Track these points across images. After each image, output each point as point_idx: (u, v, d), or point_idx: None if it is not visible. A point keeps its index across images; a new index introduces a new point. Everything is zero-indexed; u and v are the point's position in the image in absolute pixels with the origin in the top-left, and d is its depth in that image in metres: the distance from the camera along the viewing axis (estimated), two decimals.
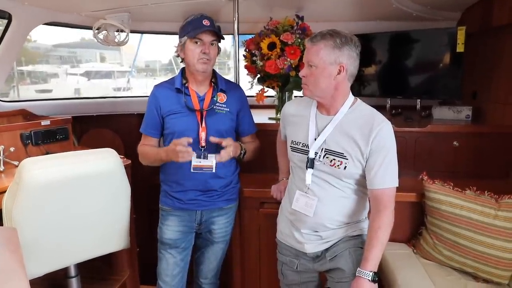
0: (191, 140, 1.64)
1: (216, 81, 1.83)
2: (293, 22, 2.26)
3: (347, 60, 1.41)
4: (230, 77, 2.61)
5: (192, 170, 1.73)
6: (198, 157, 1.74)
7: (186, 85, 1.80)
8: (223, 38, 1.80)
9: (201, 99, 1.79)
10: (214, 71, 1.85)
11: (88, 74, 12.52)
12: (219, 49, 1.81)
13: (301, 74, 1.49)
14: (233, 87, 1.91)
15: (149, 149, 1.83)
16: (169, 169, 1.82)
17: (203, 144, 1.75)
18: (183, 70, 1.84)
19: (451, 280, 1.70)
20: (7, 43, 2.38)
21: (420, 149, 2.22)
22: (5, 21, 2.32)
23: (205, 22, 1.70)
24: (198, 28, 1.69)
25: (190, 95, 1.78)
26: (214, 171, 1.74)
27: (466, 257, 1.69)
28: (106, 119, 3.22)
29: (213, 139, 1.70)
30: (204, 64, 1.73)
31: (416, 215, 1.94)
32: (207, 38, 1.71)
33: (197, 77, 1.78)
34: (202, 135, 1.75)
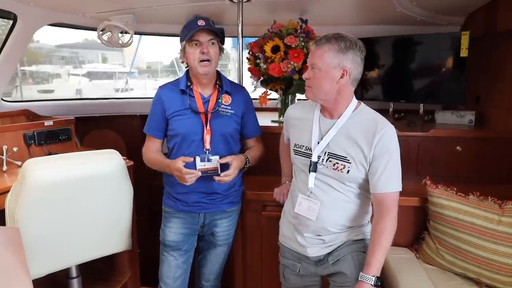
0: (191, 160, 1.67)
1: (221, 83, 1.82)
2: (297, 26, 2.27)
3: (351, 64, 1.41)
4: (231, 79, 2.61)
5: None
6: (202, 160, 1.73)
7: (191, 86, 1.78)
8: (220, 36, 1.77)
9: (206, 101, 1.78)
10: (218, 73, 1.84)
11: (90, 75, 12.58)
12: (222, 49, 1.79)
13: (304, 76, 1.50)
14: (238, 89, 1.90)
15: (155, 157, 1.80)
16: None
17: (208, 146, 1.74)
18: (188, 72, 1.82)
19: (453, 285, 1.69)
20: (12, 44, 2.39)
21: (423, 154, 2.22)
22: (10, 22, 2.33)
23: (200, 22, 1.68)
24: (193, 29, 1.67)
25: (194, 97, 1.77)
26: (219, 172, 1.72)
27: (468, 262, 1.68)
28: (108, 120, 3.22)
29: (220, 161, 1.73)
30: (205, 67, 1.71)
31: (419, 219, 1.93)
32: (204, 37, 1.69)
33: (201, 80, 1.77)
34: (207, 137, 1.74)
